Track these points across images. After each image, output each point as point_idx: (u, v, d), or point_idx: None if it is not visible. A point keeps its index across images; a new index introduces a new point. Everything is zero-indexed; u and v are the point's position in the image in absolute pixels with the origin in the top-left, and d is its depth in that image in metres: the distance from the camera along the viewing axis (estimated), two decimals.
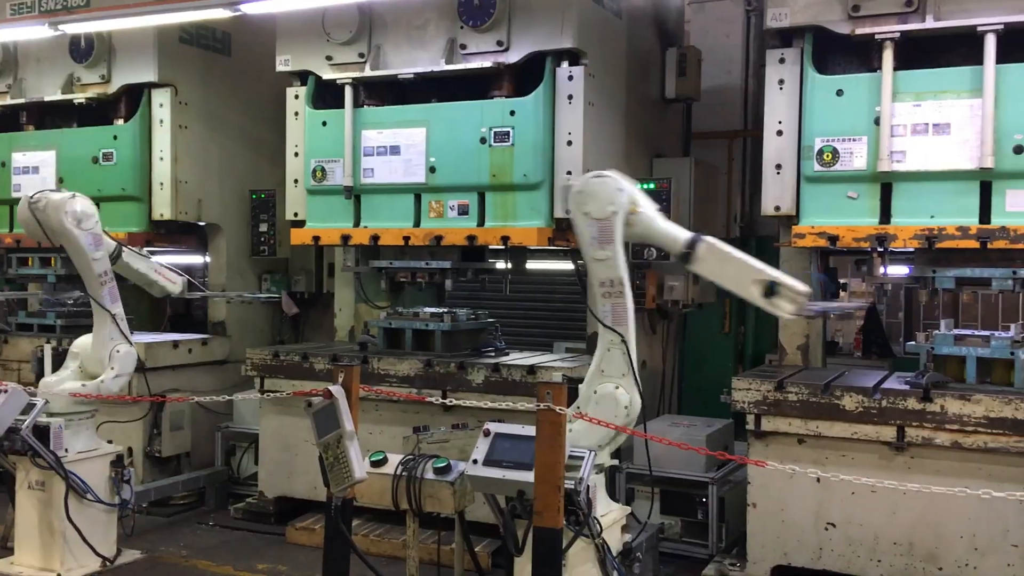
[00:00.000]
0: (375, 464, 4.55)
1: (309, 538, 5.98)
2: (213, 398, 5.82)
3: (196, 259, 8.05)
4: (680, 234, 4.24)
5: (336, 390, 4.09)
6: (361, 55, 6.22)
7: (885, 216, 5.01)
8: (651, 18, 6.97)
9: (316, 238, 6.34)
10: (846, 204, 5.08)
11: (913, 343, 5.11)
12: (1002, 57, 4.68)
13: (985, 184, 4.79)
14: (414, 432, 5.02)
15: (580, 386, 4.47)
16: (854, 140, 5.01)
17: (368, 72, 6.16)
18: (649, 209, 4.27)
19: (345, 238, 6.24)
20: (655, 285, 6.75)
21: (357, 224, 6.27)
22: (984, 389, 4.74)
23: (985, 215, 4.79)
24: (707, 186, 7.14)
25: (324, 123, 6.30)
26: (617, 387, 4.31)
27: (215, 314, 7.79)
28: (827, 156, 5.05)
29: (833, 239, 5.05)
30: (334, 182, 6.25)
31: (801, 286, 4.09)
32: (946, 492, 3.83)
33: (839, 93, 5.05)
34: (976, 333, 5.01)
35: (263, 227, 7.40)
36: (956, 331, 4.97)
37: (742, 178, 8.24)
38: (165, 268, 5.96)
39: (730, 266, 4.18)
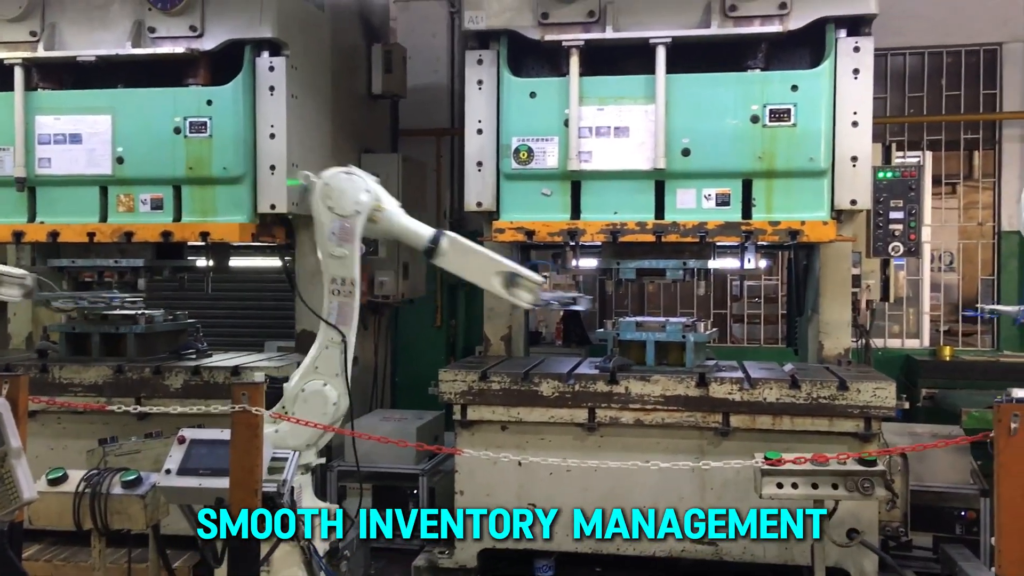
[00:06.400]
0: (53, 482, 4.14)
1: None
2: None
3: None
4: (423, 231, 4.39)
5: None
6: (33, 33, 5.67)
7: (576, 212, 5.33)
8: (356, 13, 6.95)
9: None
10: (541, 200, 5.35)
11: (602, 330, 5.49)
12: (672, 67, 5.14)
13: (659, 183, 5.24)
14: (99, 444, 4.63)
15: (286, 384, 4.41)
16: (547, 140, 5.29)
17: (41, 52, 5.62)
18: (392, 206, 4.38)
19: (17, 235, 5.66)
20: (366, 280, 6.75)
21: (32, 219, 5.72)
22: (661, 370, 5.19)
23: (660, 211, 5.24)
24: (416, 182, 7.26)
25: None
26: (326, 384, 4.38)
27: None
28: (523, 155, 5.29)
29: (530, 234, 5.30)
30: (3, 173, 5.65)
31: (536, 276, 4.42)
32: (622, 466, 4.16)
33: (532, 95, 5.30)
34: (655, 320, 5.46)
35: None
36: (638, 318, 5.40)
37: (451, 175, 8.45)
38: None
39: (472, 259, 4.44)
